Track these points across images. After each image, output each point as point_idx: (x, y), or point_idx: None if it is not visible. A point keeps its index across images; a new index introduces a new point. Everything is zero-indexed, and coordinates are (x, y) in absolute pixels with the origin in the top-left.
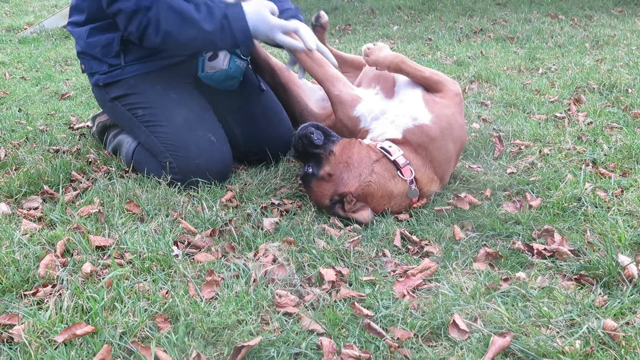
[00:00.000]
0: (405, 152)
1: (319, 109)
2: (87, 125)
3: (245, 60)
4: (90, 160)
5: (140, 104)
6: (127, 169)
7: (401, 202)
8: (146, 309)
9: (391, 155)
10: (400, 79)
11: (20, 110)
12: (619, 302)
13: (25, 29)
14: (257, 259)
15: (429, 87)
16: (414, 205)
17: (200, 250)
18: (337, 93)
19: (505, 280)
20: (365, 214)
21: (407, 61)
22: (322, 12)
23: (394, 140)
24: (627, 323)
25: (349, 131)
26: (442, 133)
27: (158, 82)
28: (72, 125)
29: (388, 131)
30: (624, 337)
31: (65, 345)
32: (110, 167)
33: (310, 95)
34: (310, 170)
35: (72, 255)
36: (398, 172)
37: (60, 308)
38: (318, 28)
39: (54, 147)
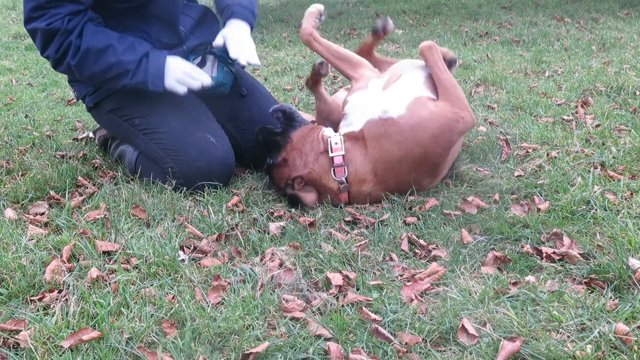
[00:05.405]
0: (352, 148)
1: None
2: (90, 137)
3: (233, 64)
4: (96, 165)
5: (135, 113)
6: (132, 177)
7: (333, 197)
8: (152, 314)
9: (332, 152)
10: (404, 76)
11: (26, 116)
12: (630, 306)
13: None
14: (264, 264)
15: (439, 90)
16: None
17: (206, 255)
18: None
19: (514, 284)
20: (309, 195)
21: (435, 52)
22: (390, 20)
23: (350, 134)
24: (639, 327)
25: (338, 112)
26: (405, 130)
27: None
28: (76, 137)
29: (354, 122)
30: (635, 341)
31: (72, 350)
32: (116, 172)
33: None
34: (271, 161)
35: (79, 260)
36: (332, 169)
37: (67, 313)
38: (380, 34)
39: (60, 153)
